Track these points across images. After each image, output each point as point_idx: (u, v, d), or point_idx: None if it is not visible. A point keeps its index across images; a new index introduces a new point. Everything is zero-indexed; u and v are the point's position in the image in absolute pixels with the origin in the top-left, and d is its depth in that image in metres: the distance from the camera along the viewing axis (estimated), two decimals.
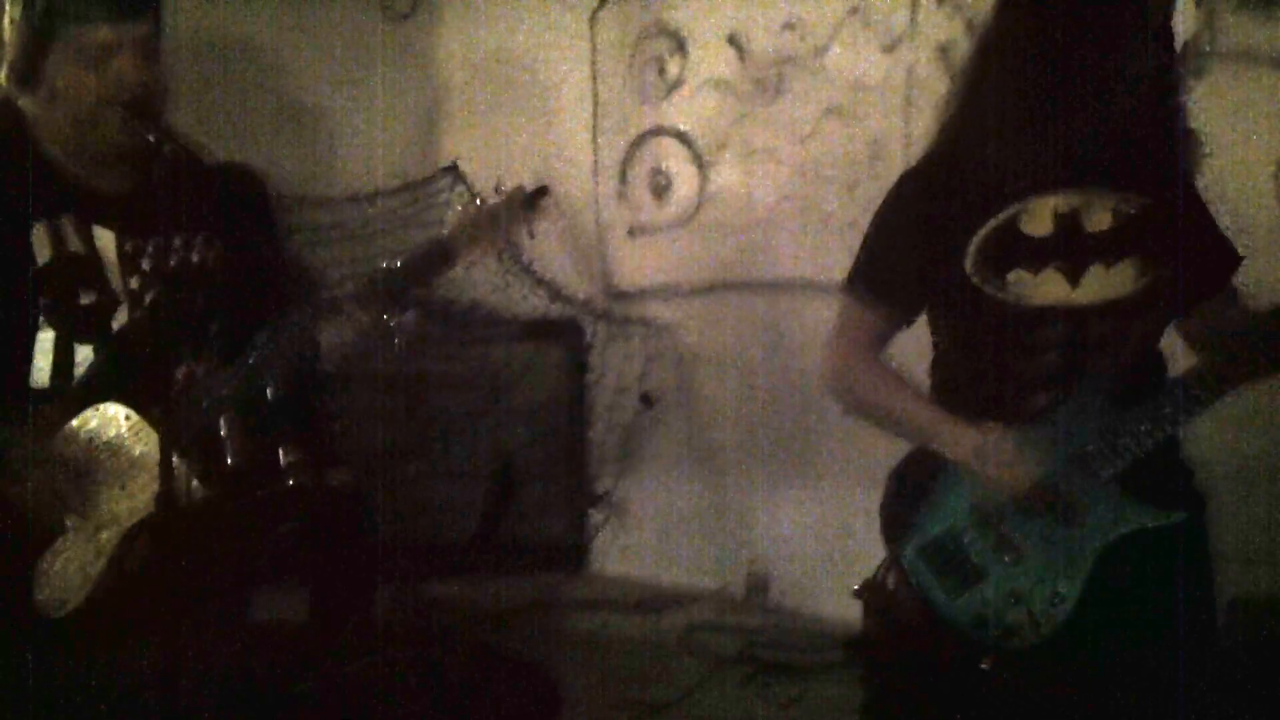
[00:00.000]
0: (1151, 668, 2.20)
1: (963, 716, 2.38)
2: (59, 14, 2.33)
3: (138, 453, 2.29)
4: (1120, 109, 2.24)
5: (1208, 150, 2.40)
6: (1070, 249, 2.32)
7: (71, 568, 2.24)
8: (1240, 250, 2.43)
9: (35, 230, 2.37)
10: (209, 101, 4.33)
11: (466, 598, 4.43)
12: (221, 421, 2.34)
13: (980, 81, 2.36)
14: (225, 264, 2.52)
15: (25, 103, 2.44)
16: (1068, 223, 2.33)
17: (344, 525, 2.69)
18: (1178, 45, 2.30)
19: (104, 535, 2.25)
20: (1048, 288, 2.33)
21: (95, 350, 2.38)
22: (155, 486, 2.21)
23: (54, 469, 2.27)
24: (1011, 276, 2.33)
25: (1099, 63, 2.22)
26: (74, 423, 2.29)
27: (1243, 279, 2.41)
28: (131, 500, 2.27)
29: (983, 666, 2.29)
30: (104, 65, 2.34)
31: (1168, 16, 2.30)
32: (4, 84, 2.44)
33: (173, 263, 2.42)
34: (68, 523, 2.26)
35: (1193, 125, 2.33)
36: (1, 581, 2.23)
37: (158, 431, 2.27)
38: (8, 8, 2.39)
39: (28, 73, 2.40)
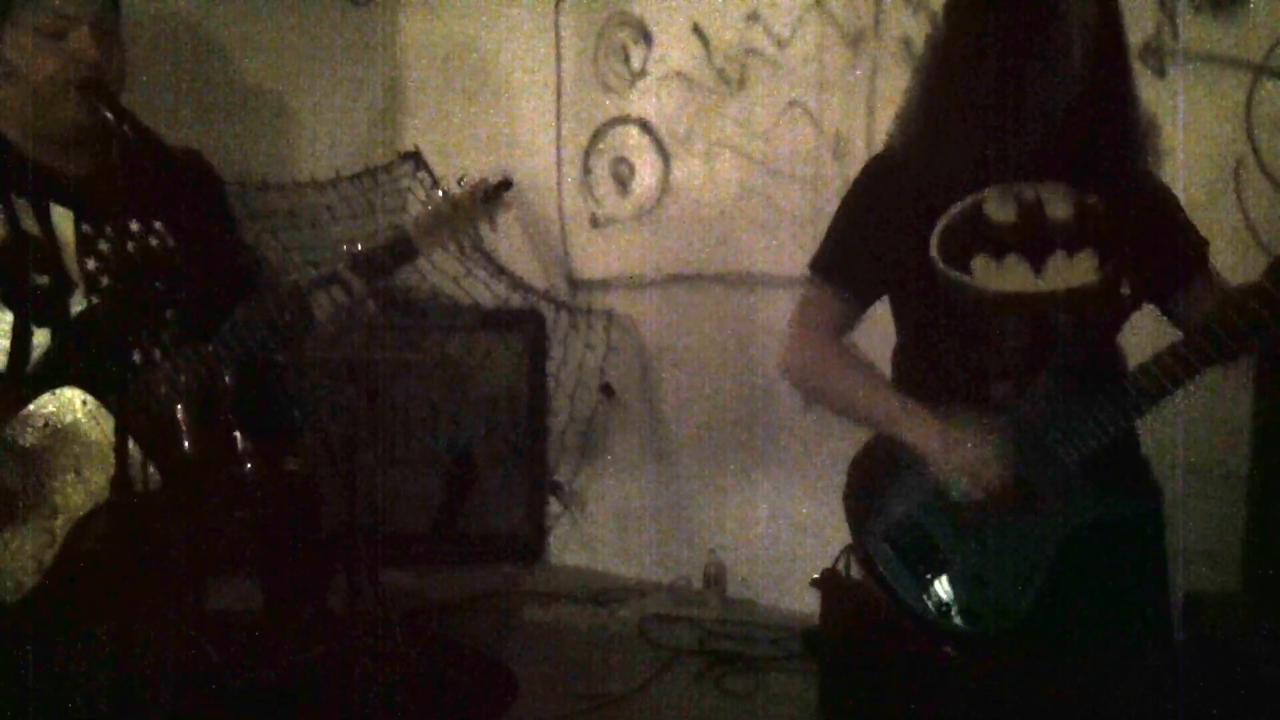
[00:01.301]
0: (1112, 657, 2.22)
1: (923, 706, 2.39)
2: None
3: (94, 438, 2.26)
4: (1071, 99, 2.25)
5: (1167, 145, 2.42)
6: (1033, 236, 2.33)
7: (25, 552, 2.21)
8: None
9: None
10: (168, 86, 4.29)
11: (423, 587, 4.42)
12: (178, 408, 2.32)
13: (937, 73, 2.38)
14: (182, 249, 2.50)
15: None
16: (1031, 210, 2.34)
17: (299, 513, 2.68)
18: (1134, 41, 2.32)
19: (58, 521, 2.23)
20: (1011, 275, 2.33)
21: (52, 334, 2.35)
22: (109, 472, 2.19)
23: (8, 453, 2.24)
24: (975, 263, 2.34)
25: (1046, 53, 2.24)
26: (30, 407, 2.26)
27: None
28: (86, 486, 2.25)
29: (946, 653, 2.30)
30: (60, 43, 2.32)
31: (1116, 8, 2.32)
32: None
33: (130, 246, 2.40)
34: (19, 506, 2.23)
35: (1147, 116, 2.35)
36: None
37: (115, 416, 2.25)
38: None
39: None
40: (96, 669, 2.19)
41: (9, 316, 2.34)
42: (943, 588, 2.28)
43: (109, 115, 2.18)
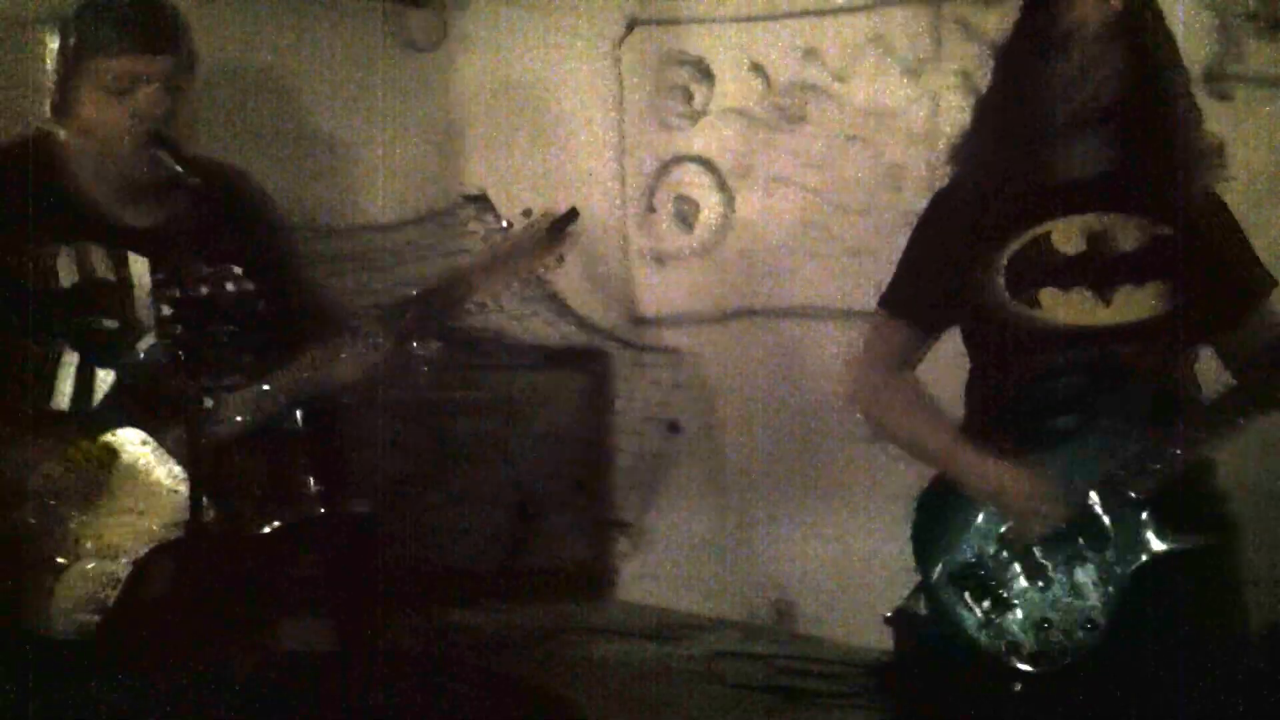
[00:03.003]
0: (1183, 694, 2.18)
1: None
2: (89, 45, 2.36)
3: (155, 479, 2.29)
4: (1137, 129, 2.26)
5: (1231, 174, 2.39)
6: (1101, 268, 2.32)
7: (86, 591, 2.24)
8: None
9: (61, 255, 2.38)
10: (234, 131, 4.36)
11: (489, 625, 4.43)
12: (246, 450, 2.35)
13: (1001, 104, 2.37)
14: (252, 294, 2.53)
15: (61, 134, 2.47)
16: (1099, 242, 2.33)
17: (368, 554, 2.69)
18: (1198, 65, 2.30)
19: (119, 561, 2.25)
20: (1079, 306, 2.32)
21: (117, 375, 2.39)
22: (170, 513, 2.22)
23: (70, 492, 2.28)
24: (1043, 294, 2.33)
25: (1111, 84, 2.24)
26: (90, 446, 2.30)
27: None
28: (147, 526, 2.27)
29: (1016, 693, 2.27)
30: (128, 97, 2.36)
31: (1170, 38, 2.31)
32: (47, 115, 2.48)
33: (203, 291, 2.43)
34: (82, 546, 2.26)
35: (1210, 141, 2.33)
36: (10, 604, 2.24)
37: (176, 458, 2.28)
38: (48, 40, 2.43)
39: (62, 104, 2.43)
40: (158, 711, 2.21)
41: (77, 357, 2.38)
42: (1010, 627, 2.26)
43: (177, 168, 2.22)
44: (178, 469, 2.26)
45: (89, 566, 2.24)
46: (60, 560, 2.25)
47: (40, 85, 2.48)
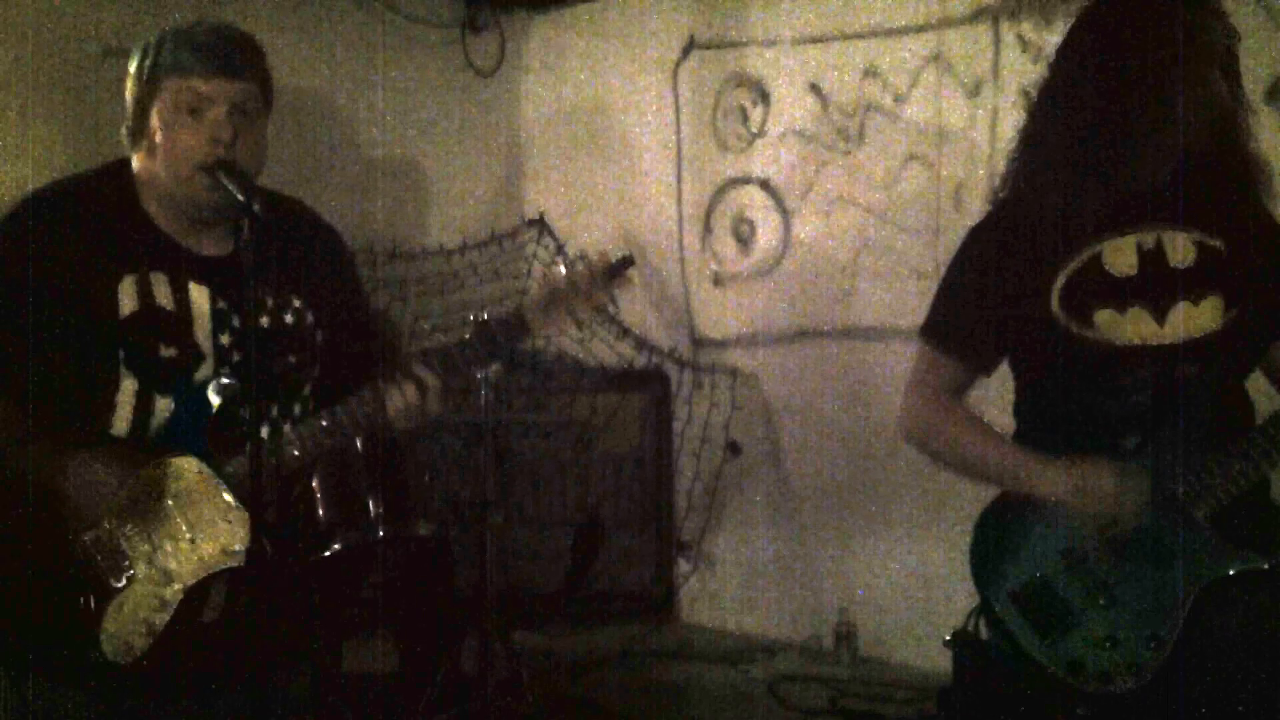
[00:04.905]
0: (1253, 714, 2.15)
1: None
2: (164, 66, 2.38)
3: (209, 507, 2.31)
4: (1190, 143, 2.23)
5: None
6: (1155, 286, 2.30)
7: (137, 616, 2.26)
8: None
9: (123, 283, 2.41)
10: (303, 158, 4.42)
11: (554, 647, 4.44)
12: (306, 473, 2.36)
13: (1052, 122, 2.36)
14: (312, 325, 2.55)
15: (135, 162, 2.49)
16: (1152, 259, 2.31)
17: (431, 576, 2.71)
18: (1263, 80, 2.27)
19: (171, 586, 2.27)
20: (1134, 326, 2.30)
21: (175, 402, 2.41)
22: (224, 541, 2.24)
23: (125, 517, 2.30)
24: (1098, 316, 2.31)
25: (1166, 97, 2.21)
26: (148, 473, 2.32)
27: None
28: (199, 552, 2.29)
29: (1079, 714, 2.25)
30: (197, 119, 2.38)
31: (1233, 49, 2.29)
32: (124, 142, 2.50)
33: (265, 321, 2.45)
34: (136, 571, 2.29)
35: (1262, 155, 2.30)
36: (69, 627, 2.27)
37: (232, 487, 2.30)
38: (130, 63, 2.45)
39: (137, 127, 2.45)
40: None
41: (135, 384, 2.41)
42: (1073, 648, 2.23)
43: (240, 196, 2.24)
44: (232, 498, 2.28)
45: (140, 590, 2.27)
46: (113, 584, 2.27)
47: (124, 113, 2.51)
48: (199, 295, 2.44)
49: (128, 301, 2.39)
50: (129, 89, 2.44)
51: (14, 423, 2.34)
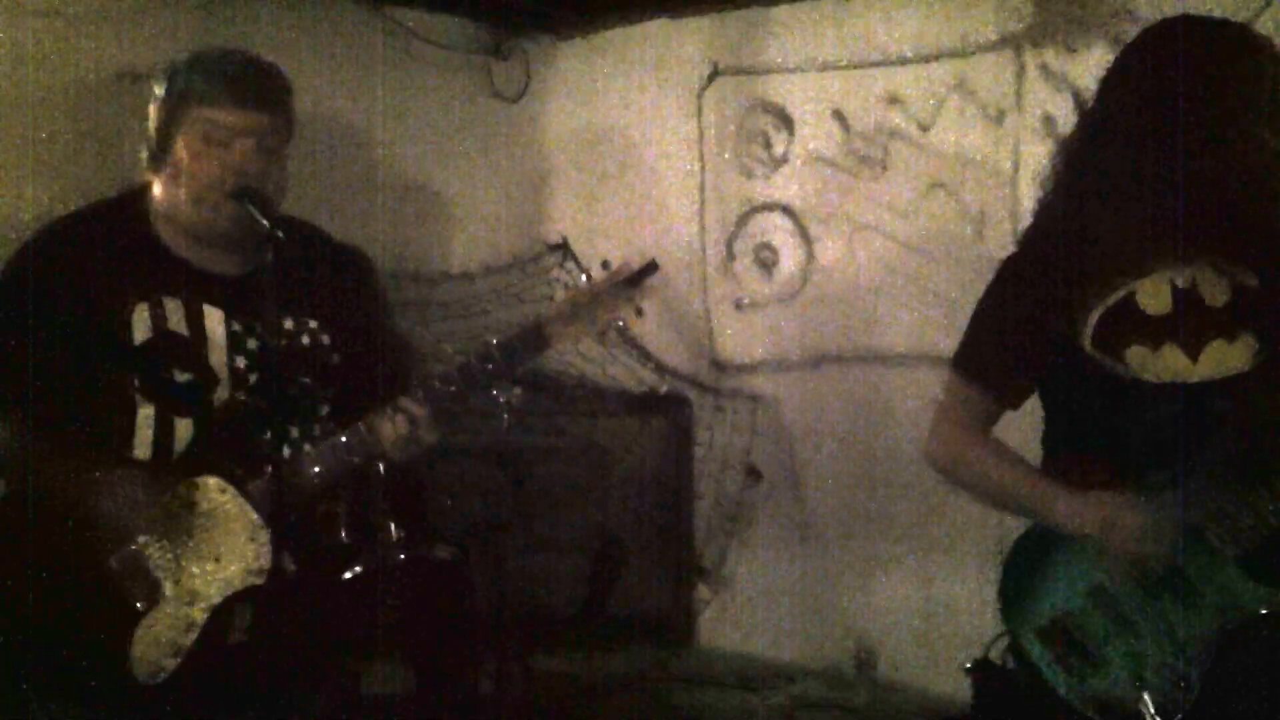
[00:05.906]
0: None
1: None
2: (192, 94, 2.41)
3: (232, 527, 2.32)
4: (1232, 181, 2.22)
5: None
6: (1189, 324, 2.29)
7: (163, 637, 2.27)
8: None
9: (137, 310, 2.43)
10: (325, 181, 4.44)
11: (572, 671, 4.43)
12: (327, 496, 2.37)
13: (1089, 159, 2.35)
14: (336, 346, 2.56)
15: (155, 188, 2.51)
16: (1186, 297, 2.30)
17: (450, 599, 2.71)
18: None
19: (197, 606, 2.28)
20: (1167, 363, 2.29)
21: (195, 425, 2.43)
22: (248, 561, 2.25)
23: (151, 539, 2.31)
24: (1130, 353, 2.30)
25: (1210, 136, 2.20)
26: (172, 495, 2.34)
27: None
28: (224, 573, 2.30)
29: None
30: (224, 149, 2.40)
31: (1277, 87, 2.27)
32: (143, 165, 2.52)
33: (282, 344, 2.46)
34: (161, 590, 2.30)
35: None
36: (98, 648, 2.28)
37: (254, 506, 2.31)
38: (156, 90, 2.47)
39: (159, 152, 2.48)
40: None
41: (153, 409, 2.42)
42: (1101, 686, 2.22)
43: (264, 223, 2.26)
44: (256, 518, 2.29)
45: (167, 611, 2.28)
46: (139, 605, 2.28)
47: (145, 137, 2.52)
48: (212, 318, 2.46)
49: (141, 329, 2.41)
50: (153, 114, 2.47)
51: (41, 446, 2.36)
